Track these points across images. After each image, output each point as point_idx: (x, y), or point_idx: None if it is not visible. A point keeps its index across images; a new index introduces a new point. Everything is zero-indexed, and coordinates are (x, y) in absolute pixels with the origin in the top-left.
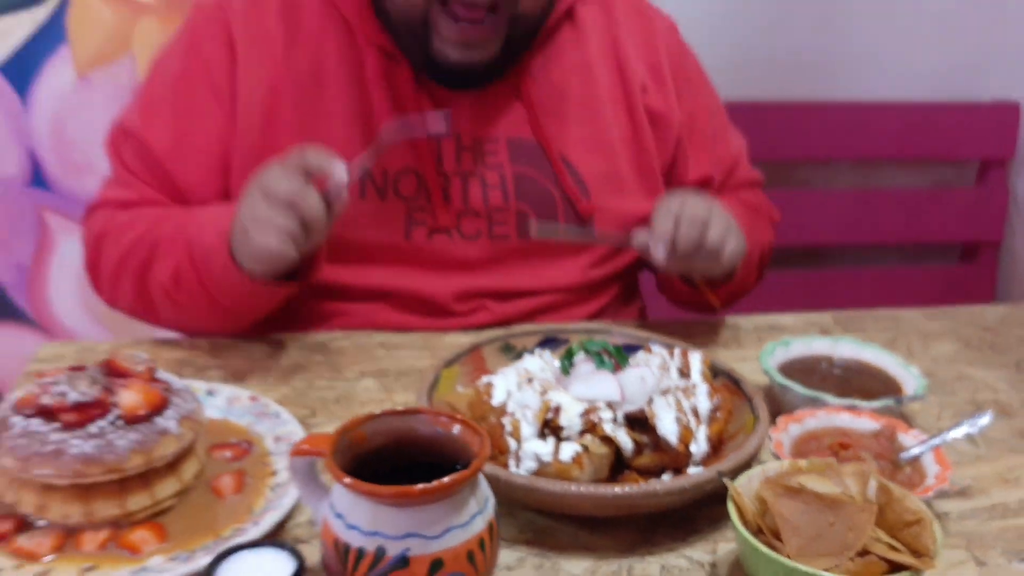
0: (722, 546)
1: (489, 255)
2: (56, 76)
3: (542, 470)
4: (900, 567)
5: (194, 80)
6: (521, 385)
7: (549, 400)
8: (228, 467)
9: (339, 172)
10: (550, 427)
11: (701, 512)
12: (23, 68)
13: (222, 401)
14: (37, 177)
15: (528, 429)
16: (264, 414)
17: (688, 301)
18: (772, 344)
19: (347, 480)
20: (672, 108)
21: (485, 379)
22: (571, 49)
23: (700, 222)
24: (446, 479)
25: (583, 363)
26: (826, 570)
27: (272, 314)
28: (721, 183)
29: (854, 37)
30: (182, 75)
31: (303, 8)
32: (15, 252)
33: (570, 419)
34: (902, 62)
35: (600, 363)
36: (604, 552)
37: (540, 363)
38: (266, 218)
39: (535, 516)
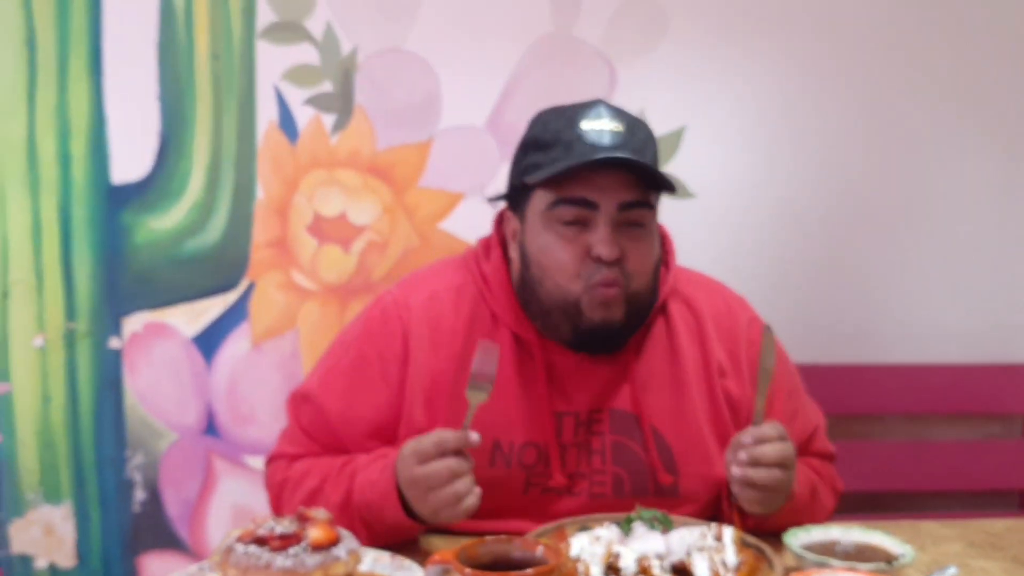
0: None
1: (587, 512)
2: (235, 345)
3: None
4: None
5: (368, 365)
6: (592, 543)
7: (612, 549)
8: None
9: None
10: (612, 569)
11: None
12: (212, 339)
13: (368, 559)
14: (210, 425)
15: (596, 571)
16: (400, 567)
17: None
18: (795, 529)
19: (469, 571)
20: (746, 394)
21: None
22: (661, 336)
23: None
24: (531, 571)
25: (639, 527)
26: None
27: None
28: (797, 452)
29: (890, 305)
30: (358, 358)
31: (464, 309)
32: (184, 489)
33: (627, 564)
34: (937, 326)
35: (651, 527)
36: None
37: (606, 532)
38: (433, 511)
39: None
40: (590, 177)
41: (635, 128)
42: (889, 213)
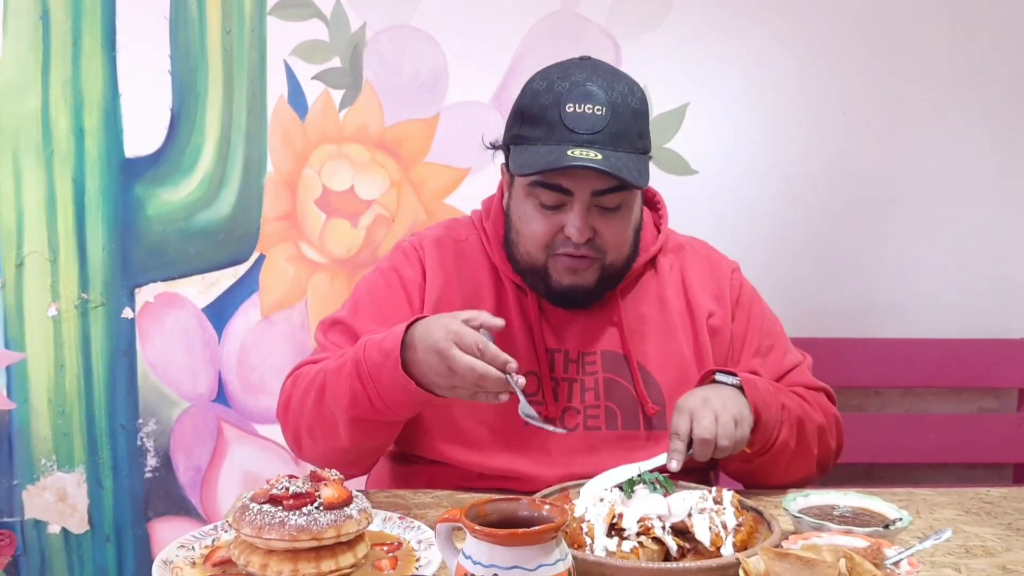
0: None
1: (584, 445)
2: (246, 316)
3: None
4: None
5: (394, 291)
6: (595, 503)
7: (615, 510)
8: (385, 555)
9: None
10: (615, 529)
11: None
12: (223, 309)
13: (378, 519)
14: (220, 394)
15: (599, 530)
16: (410, 527)
17: (736, 470)
18: (794, 494)
19: (477, 528)
20: (727, 323)
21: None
22: (651, 288)
23: (708, 440)
24: (537, 528)
25: (641, 490)
26: None
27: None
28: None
29: (888, 280)
30: (385, 286)
31: (468, 254)
32: (195, 457)
33: (630, 524)
34: (934, 301)
35: (653, 489)
36: None
37: (609, 494)
38: (450, 385)
39: None
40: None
41: (620, 109)
42: (888, 190)
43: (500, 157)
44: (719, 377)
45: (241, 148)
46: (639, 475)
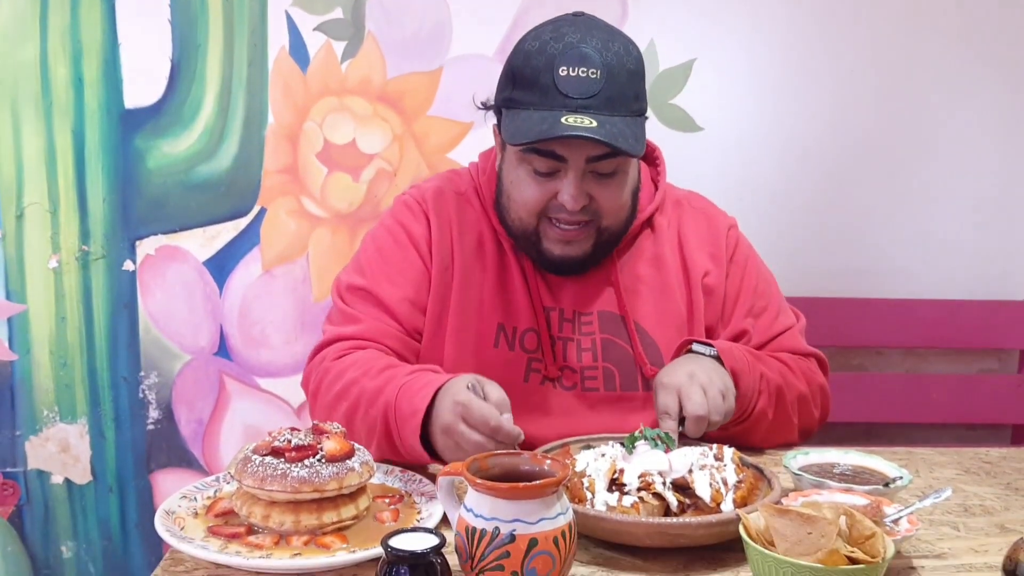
0: (742, 574)
1: (583, 406)
2: (247, 269)
3: (618, 521)
4: (857, 562)
5: (404, 249)
6: (597, 459)
7: (616, 465)
8: (387, 507)
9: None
10: (616, 484)
11: (730, 553)
12: (224, 263)
13: (380, 472)
14: (222, 347)
15: (600, 485)
16: (411, 480)
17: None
18: (794, 452)
19: (479, 481)
20: (721, 282)
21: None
22: (648, 247)
23: (703, 417)
24: (539, 482)
25: (642, 446)
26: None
27: None
28: (762, 345)
29: (891, 240)
30: (396, 245)
31: (468, 208)
32: (196, 410)
33: (631, 479)
34: (937, 262)
35: (655, 445)
36: (653, 572)
37: (611, 449)
38: (458, 458)
39: (604, 548)
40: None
41: (615, 71)
42: (893, 150)
43: (493, 117)
44: (696, 348)
45: (242, 100)
46: (640, 431)
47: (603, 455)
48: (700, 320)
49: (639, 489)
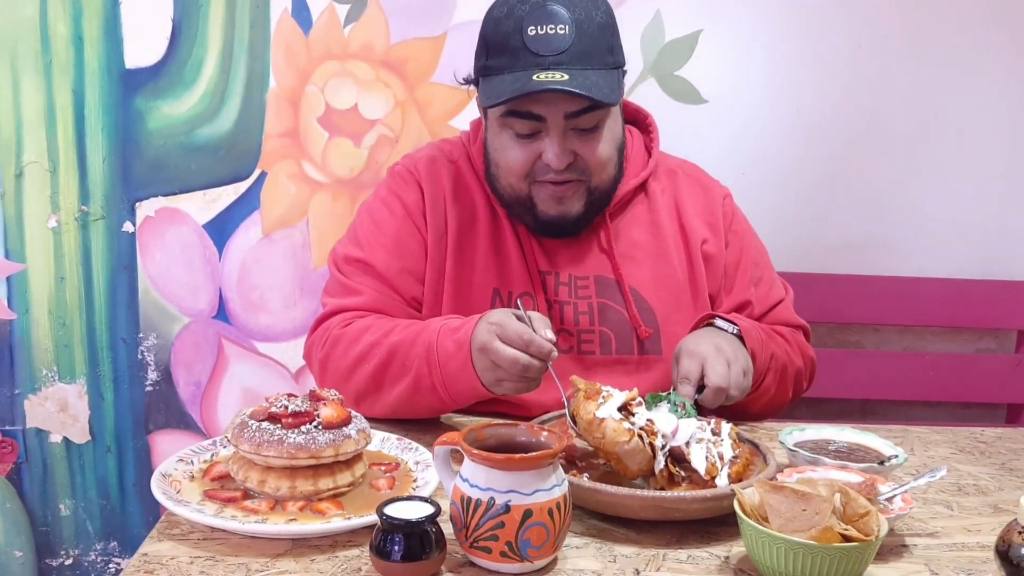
0: (735, 549)
1: (579, 369)
2: (247, 234)
3: (610, 433)
4: (851, 540)
5: (400, 219)
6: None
7: (635, 397)
8: (383, 475)
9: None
10: (627, 409)
11: (723, 527)
12: (224, 226)
13: (377, 440)
14: (221, 311)
15: (614, 401)
16: (407, 448)
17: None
18: (790, 428)
19: (475, 452)
20: (721, 251)
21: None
22: (643, 212)
23: (724, 388)
24: (535, 453)
25: (663, 405)
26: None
27: None
28: (761, 316)
29: (895, 218)
30: (391, 216)
31: (461, 175)
32: (195, 372)
33: (640, 417)
34: (940, 240)
35: (673, 410)
36: (647, 545)
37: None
38: (496, 379)
39: (598, 520)
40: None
41: (585, 25)
42: (897, 126)
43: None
44: (719, 323)
45: (243, 62)
46: (668, 393)
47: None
48: (703, 287)
49: (641, 428)
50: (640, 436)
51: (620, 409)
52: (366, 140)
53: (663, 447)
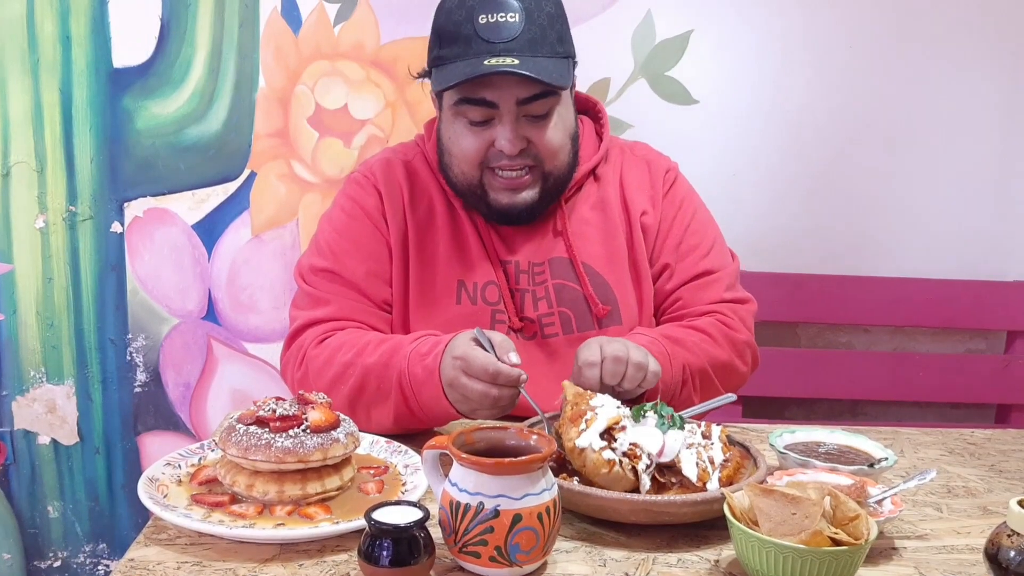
0: (725, 553)
1: (544, 354)
2: (236, 234)
3: (590, 464)
4: (840, 543)
5: (361, 223)
6: (617, 407)
7: (621, 419)
8: (372, 479)
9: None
10: (611, 434)
11: (713, 531)
12: (213, 227)
13: (366, 443)
14: (210, 312)
15: (597, 425)
16: (396, 452)
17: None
18: (781, 429)
19: (464, 456)
20: (656, 220)
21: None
22: (593, 194)
23: (620, 357)
24: (524, 458)
25: (651, 417)
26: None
27: None
28: (684, 283)
29: (884, 219)
30: (351, 221)
31: (417, 174)
32: (184, 373)
33: (623, 442)
34: (929, 242)
35: (661, 423)
36: (637, 548)
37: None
38: (470, 409)
39: (588, 524)
40: (487, 78)
41: (534, 14)
42: (888, 127)
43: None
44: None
45: (233, 62)
46: (654, 404)
47: (619, 407)
48: (644, 259)
49: (624, 454)
50: (621, 463)
51: (603, 434)
52: (356, 140)
53: (647, 467)
